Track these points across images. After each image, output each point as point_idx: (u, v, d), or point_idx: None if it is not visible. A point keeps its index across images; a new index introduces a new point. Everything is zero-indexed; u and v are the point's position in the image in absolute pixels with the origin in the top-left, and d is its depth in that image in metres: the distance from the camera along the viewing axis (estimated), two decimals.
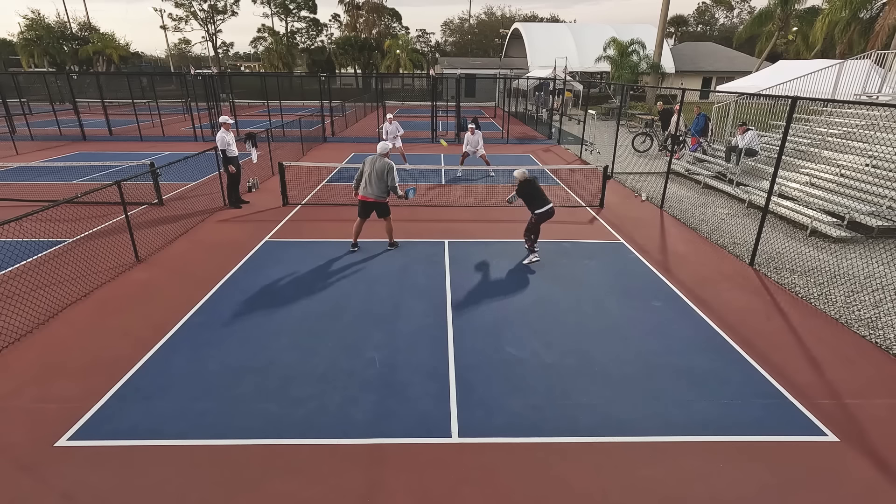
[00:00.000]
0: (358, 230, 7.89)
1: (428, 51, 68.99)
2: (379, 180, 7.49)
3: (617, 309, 6.17)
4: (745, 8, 69.21)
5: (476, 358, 5.07)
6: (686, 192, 12.07)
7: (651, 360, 5.06)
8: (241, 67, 69.16)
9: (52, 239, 8.29)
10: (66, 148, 17.94)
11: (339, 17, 63.26)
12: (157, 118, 24.40)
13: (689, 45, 46.21)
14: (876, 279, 6.92)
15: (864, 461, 3.78)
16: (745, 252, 7.93)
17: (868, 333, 5.61)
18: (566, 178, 13.63)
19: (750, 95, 13.38)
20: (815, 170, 10.82)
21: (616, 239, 8.76)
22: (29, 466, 3.64)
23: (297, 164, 11.67)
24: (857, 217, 8.62)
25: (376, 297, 6.38)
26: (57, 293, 6.27)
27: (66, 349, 5.16)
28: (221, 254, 7.79)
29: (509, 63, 43.70)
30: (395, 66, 47.27)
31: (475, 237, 8.67)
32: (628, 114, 27.10)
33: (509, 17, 73.74)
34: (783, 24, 30.73)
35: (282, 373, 4.79)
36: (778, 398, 4.51)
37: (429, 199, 11.00)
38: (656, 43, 32.48)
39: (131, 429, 4.03)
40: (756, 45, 33.71)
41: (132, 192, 8.97)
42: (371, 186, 7.51)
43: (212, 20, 56.67)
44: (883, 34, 20.29)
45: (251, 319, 5.78)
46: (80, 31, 48.59)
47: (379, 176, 7.47)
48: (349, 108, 28.76)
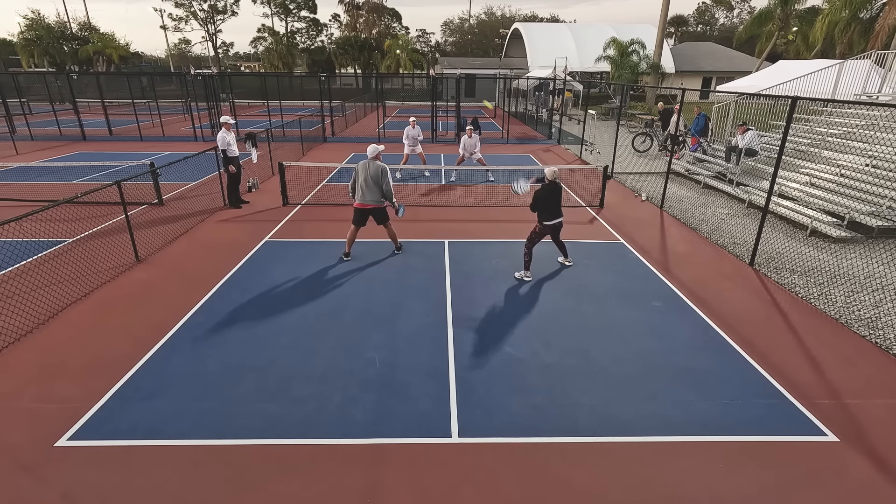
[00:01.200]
0: (352, 239, 7.54)
1: (428, 51, 69.00)
2: (375, 185, 7.17)
3: (617, 309, 6.17)
4: (745, 8, 69.28)
5: (476, 358, 5.07)
6: (686, 192, 12.07)
7: (651, 360, 5.06)
8: (241, 67, 69.15)
9: (52, 239, 8.29)
10: (66, 148, 17.95)
11: (339, 17, 63.33)
12: (157, 118, 24.40)
13: (689, 45, 46.23)
14: (876, 279, 6.92)
15: (863, 461, 3.78)
16: (746, 252, 7.93)
17: (868, 333, 5.61)
18: (566, 178, 13.61)
19: (750, 95, 13.38)
20: (815, 170, 10.82)
21: (616, 239, 8.75)
22: (29, 466, 3.64)
23: (297, 164, 11.68)
24: (857, 217, 8.61)
25: (376, 297, 6.38)
26: (57, 293, 6.27)
27: (66, 349, 5.16)
28: (221, 254, 7.79)
29: (509, 63, 43.70)
30: (395, 66, 47.28)
31: (475, 237, 8.67)
32: (628, 114, 27.11)
33: (509, 17, 73.77)
34: (783, 24, 30.73)
35: (282, 373, 4.79)
36: (778, 398, 4.51)
37: (429, 199, 11.00)
38: (656, 43, 32.47)
39: (131, 429, 4.03)
40: (756, 45, 33.72)
41: (132, 192, 8.98)
42: (368, 192, 7.19)
43: (212, 20, 56.70)
44: (883, 34, 20.30)
45: (251, 319, 5.78)
46: (80, 31, 48.58)
47: (375, 180, 7.15)
48: (349, 108, 28.75)
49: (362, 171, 7.21)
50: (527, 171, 14.02)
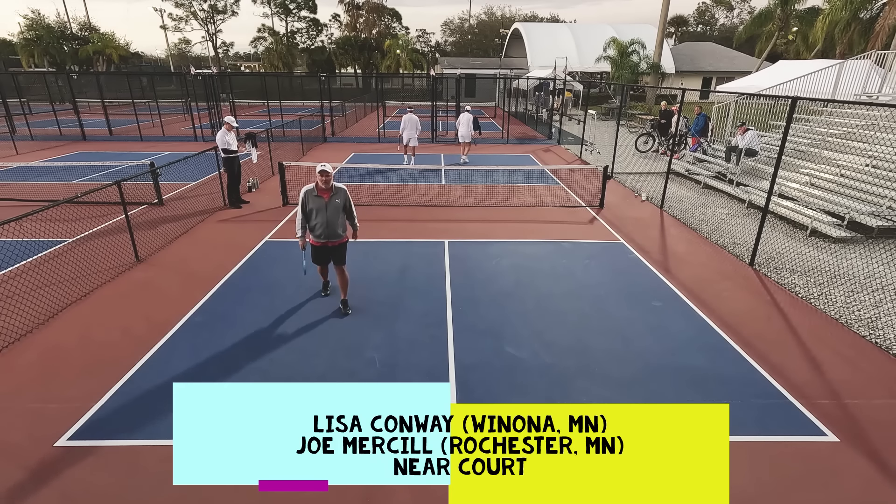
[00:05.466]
0: (325, 272, 6.31)
1: (428, 51, 68.94)
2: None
3: (617, 309, 6.17)
4: (745, 8, 69.18)
5: (476, 358, 5.07)
6: (686, 192, 12.07)
7: (651, 361, 5.06)
8: (241, 67, 69.13)
9: (52, 239, 8.29)
10: (66, 148, 17.94)
11: (339, 17, 63.25)
12: (157, 118, 24.38)
13: (689, 45, 46.19)
14: (876, 279, 6.92)
15: (863, 461, 3.79)
16: (746, 252, 7.93)
17: (868, 333, 5.62)
18: (566, 178, 13.62)
19: (750, 95, 13.38)
20: (815, 170, 10.82)
21: (616, 239, 8.75)
22: (29, 466, 3.64)
23: (297, 164, 11.67)
24: (857, 217, 8.61)
25: (376, 296, 6.38)
26: (57, 293, 6.27)
27: (66, 349, 5.16)
28: (221, 254, 7.79)
29: (509, 63, 43.70)
30: (395, 66, 47.25)
31: (475, 237, 8.67)
32: (628, 114, 27.10)
33: (509, 17, 73.72)
34: (783, 24, 30.73)
35: (282, 373, 4.78)
36: (778, 398, 4.51)
37: (429, 199, 11.00)
38: (656, 43, 32.48)
39: (131, 429, 4.03)
40: (756, 45, 33.72)
41: (132, 191, 8.98)
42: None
43: (212, 20, 56.67)
44: (883, 34, 20.31)
45: (251, 319, 5.78)
46: (80, 30, 48.57)
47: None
48: (349, 108, 28.74)
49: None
50: (526, 170, 14.03)
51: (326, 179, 5.38)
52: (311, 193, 5.45)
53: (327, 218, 5.49)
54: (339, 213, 5.58)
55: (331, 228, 5.54)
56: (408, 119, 14.54)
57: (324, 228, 5.52)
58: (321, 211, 5.47)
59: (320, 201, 5.45)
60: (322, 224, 5.51)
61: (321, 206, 5.46)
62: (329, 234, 5.58)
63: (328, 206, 5.47)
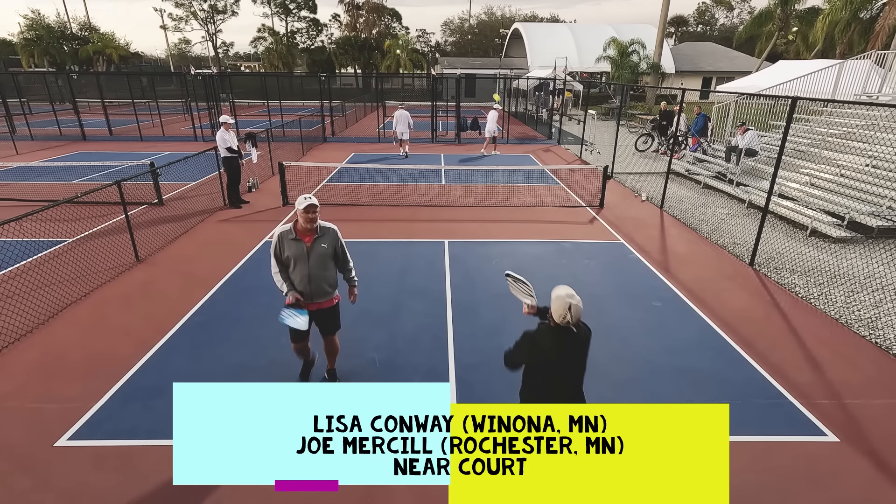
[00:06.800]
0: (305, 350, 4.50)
1: (428, 51, 68.95)
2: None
3: (617, 309, 6.17)
4: (745, 8, 69.15)
5: (476, 358, 5.07)
6: (686, 192, 12.07)
7: (651, 360, 5.06)
8: (241, 67, 69.13)
9: (52, 239, 8.29)
10: (66, 148, 17.94)
11: (339, 17, 63.24)
12: (157, 118, 24.38)
13: (689, 45, 46.19)
14: (876, 279, 6.92)
15: (863, 461, 3.79)
16: (746, 252, 7.93)
17: (868, 333, 5.62)
18: (566, 178, 13.63)
19: (750, 95, 13.38)
20: (815, 170, 10.82)
21: (616, 239, 8.75)
22: (29, 466, 3.64)
23: (297, 164, 11.68)
24: (857, 217, 8.61)
25: (376, 297, 6.38)
26: (57, 293, 6.27)
27: (66, 349, 5.16)
28: (221, 254, 7.79)
29: (509, 63, 43.71)
30: (395, 66, 47.23)
31: (475, 237, 8.67)
32: (628, 114, 27.10)
33: (509, 17, 73.73)
34: (783, 24, 30.73)
35: (282, 373, 4.78)
36: (778, 398, 4.51)
37: (429, 199, 11.00)
38: (656, 43, 32.48)
39: (131, 429, 4.03)
40: (756, 45, 33.71)
41: (132, 191, 8.97)
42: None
43: (212, 20, 56.67)
44: (883, 34, 20.31)
45: (251, 319, 5.78)
46: (80, 30, 48.56)
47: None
48: (349, 108, 28.74)
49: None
50: (526, 170, 14.02)
51: (313, 218, 3.83)
52: (288, 236, 3.92)
53: (310, 270, 3.93)
54: (326, 263, 4.02)
55: (315, 284, 3.99)
56: (399, 115, 15.45)
57: (305, 285, 3.97)
58: (301, 260, 3.91)
59: (300, 247, 3.90)
60: (303, 279, 3.95)
61: (301, 255, 3.90)
62: (314, 293, 4.02)
63: (311, 254, 3.91)
